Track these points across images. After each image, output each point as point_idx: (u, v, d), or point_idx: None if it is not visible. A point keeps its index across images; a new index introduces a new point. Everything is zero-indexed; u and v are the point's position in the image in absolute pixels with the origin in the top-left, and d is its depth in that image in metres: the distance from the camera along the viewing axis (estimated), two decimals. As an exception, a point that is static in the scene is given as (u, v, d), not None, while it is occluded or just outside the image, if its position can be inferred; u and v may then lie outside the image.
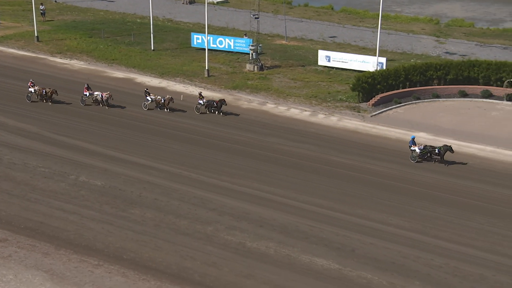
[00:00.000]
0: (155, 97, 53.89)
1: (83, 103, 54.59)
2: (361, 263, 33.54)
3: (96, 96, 54.21)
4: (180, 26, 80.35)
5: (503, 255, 34.20)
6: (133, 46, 71.11)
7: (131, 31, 75.78)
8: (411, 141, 45.74)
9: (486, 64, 57.84)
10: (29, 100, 55.02)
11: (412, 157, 45.35)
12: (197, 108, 53.59)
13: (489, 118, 52.99)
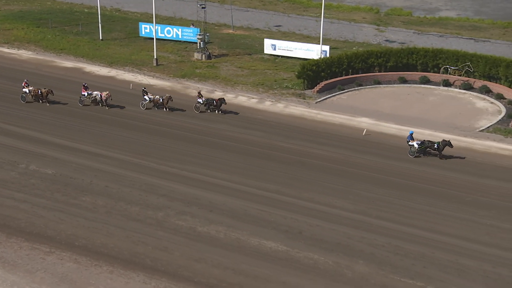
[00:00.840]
0: (153, 97, 51.03)
1: (81, 103, 51.36)
2: (308, 244, 33.79)
3: (94, 96, 51.13)
4: (128, 16, 79.32)
5: (440, 233, 34.87)
6: (81, 36, 69.91)
7: (79, 21, 74.48)
8: (409, 136, 44.27)
9: (423, 52, 58.69)
10: (23, 101, 51.37)
11: (411, 152, 43.90)
12: (196, 107, 51.07)
13: (427, 103, 53.83)
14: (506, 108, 51.57)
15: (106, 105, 51.13)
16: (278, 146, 45.53)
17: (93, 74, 58.99)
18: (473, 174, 41.82)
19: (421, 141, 43.86)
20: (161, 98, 51.03)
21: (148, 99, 51.20)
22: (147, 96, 51.34)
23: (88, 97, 51.40)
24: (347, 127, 48.91)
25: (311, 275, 31.40)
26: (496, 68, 54.96)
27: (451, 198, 38.68)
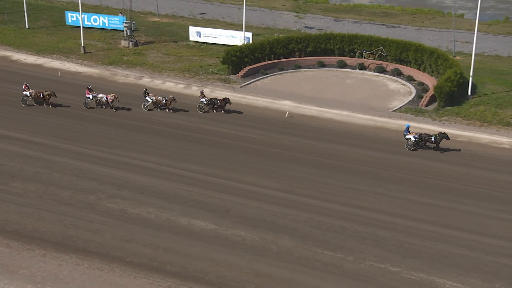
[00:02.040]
0: (155, 98, 47.76)
1: (86, 106, 47.76)
2: (236, 222, 33.92)
3: (100, 98, 47.58)
4: (54, 4, 77.15)
5: (359, 207, 35.59)
6: (6, 24, 67.61)
7: (4, 10, 71.94)
8: (405, 130, 42.99)
9: (340, 37, 59.45)
10: (25, 104, 47.67)
11: (408, 146, 42.60)
12: (200, 107, 48.12)
13: (345, 85, 54.65)
14: (416, 89, 52.87)
15: (112, 108, 47.44)
16: (205, 129, 45.38)
17: (20, 62, 57.24)
18: (388, 151, 42.77)
19: (418, 135, 42.58)
20: (164, 99, 47.79)
21: (150, 100, 47.78)
22: (148, 97, 47.91)
23: (93, 99, 47.69)
24: (270, 109, 49.18)
25: (239, 251, 31.56)
26: (406, 52, 56.22)
27: (368, 174, 39.49)
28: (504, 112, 47.79)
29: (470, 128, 46.12)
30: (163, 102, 47.74)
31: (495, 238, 32.54)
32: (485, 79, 53.01)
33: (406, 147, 42.69)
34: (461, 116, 47.78)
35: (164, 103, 47.73)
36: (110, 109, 47.56)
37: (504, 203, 35.88)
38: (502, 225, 33.70)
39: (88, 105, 47.97)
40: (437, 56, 53.71)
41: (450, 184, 38.22)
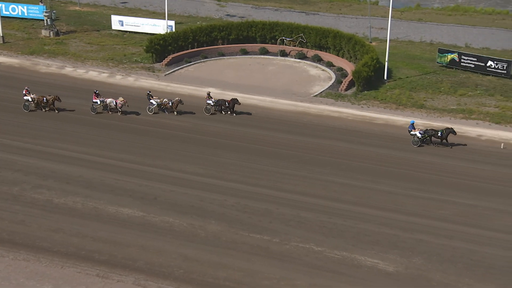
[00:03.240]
0: (161, 100, 45.16)
1: (94, 111, 44.94)
2: (164, 209, 33.71)
3: (108, 103, 44.76)
4: (-29, -7, 74.04)
5: (284, 190, 35.98)
6: None
7: None
8: (410, 126, 41.82)
9: (261, 25, 59.61)
10: (26, 109, 44.72)
11: (414, 142, 41.34)
12: (207, 109, 45.82)
13: (267, 72, 54.93)
14: (336, 74, 53.69)
15: (121, 112, 44.86)
16: (130, 118, 44.74)
17: None
18: (309, 135, 43.30)
19: (423, 130, 41.45)
20: (170, 101, 45.23)
21: (155, 103, 45.21)
22: (153, 100, 45.36)
23: (101, 104, 44.90)
24: (195, 97, 48.91)
25: (168, 237, 31.41)
26: (325, 38, 56.91)
27: (291, 158, 39.93)
28: (418, 95, 49.19)
29: (386, 111, 47.23)
30: (169, 105, 45.16)
31: (411, 215, 33.56)
32: (400, 64, 54.35)
33: (412, 143, 41.36)
34: (378, 99, 48.86)
35: (171, 106, 45.16)
36: (118, 113, 44.84)
37: (419, 182, 37.00)
38: (417, 203, 34.79)
39: (96, 110, 44.95)
40: (354, 42, 54.64)
41: (370, 165, 39.10)
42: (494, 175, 37.71)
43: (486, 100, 47.81)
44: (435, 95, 49.03)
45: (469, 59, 52.58)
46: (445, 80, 51.18)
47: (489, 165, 39.05)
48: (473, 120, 45.12)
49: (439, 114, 46.23)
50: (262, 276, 28.76)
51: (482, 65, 51.80)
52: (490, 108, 46.56)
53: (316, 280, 28.49)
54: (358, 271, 29.13)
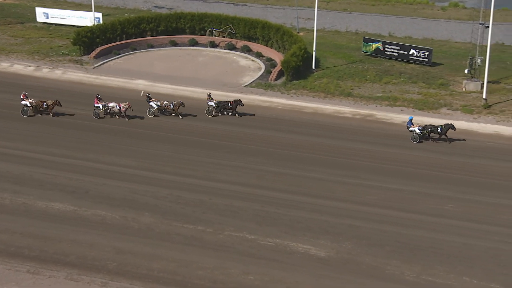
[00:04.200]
0: (161, 103, 43.30)
1: (96, 116, 42.93)
2: (95, 202, 33.10)
3: (112, 107, 42.72)
4: None
5: (217, 181, 35.90)
6: None
7: None
8: (409, 122, 40.98)
9: (190, 16, 59.19)
10: (25, 115, 42.64)
11: (414, 138, 40.47)
12: (209, 110, 43.99)
13: (197, 63, 54.61)
14: (265, 64, 53.88)
15: (125, 117, 43.01)
16: (58, 112, 43.64)
17: None
18: (242, 125, 43.27)
19: (422, 126, 40.62)
20: (171, 104, 43.33)
21: (156, 106, 43.32)
22: (153, 102, 43.45)
23: (103, 109, 42.81)
24: (125, 89, 48.16)
25: (100, 230, 30.87)
26: (254, 29, 57.01)
27: (224, 148, 39.86)
28: (345, 83, 49.92)
29: (315, 99, 47.74)
30: (171, 107, 43.35)
31: (341, 201, 34.07)
32: (327, 53, 54.99)
33: (411, 139, 40.59)
34: (307, 88, 49.32)
35: (172, 108, 43.38)
36: (123, 118, 42.99)
37: (348, 169, 37.59)
38: (346, 189, 35.34)
39: (99, 115, 42.97)
40: (282, 33, 54.96)
41: (301, 153, 39.43)
42: (418, 159, 38.68)
43: (410, 87, 48.97)
44: (361, 83, 49.87)
45: (392, 47, 53.71)
46: (370, 68, 52.13)
47: (413, 150, 40.00)
48: (397, 107, 46.15)
49: (366, 101, 47.08)
50: (196, 266, 28.65)
51: (405, 53, 53.02)
52: (414, 95, 47.72)
53: (250, 267, 28.60)
54: (291, 257, 29.40)
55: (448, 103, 46.04)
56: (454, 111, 45.05)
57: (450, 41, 56.98)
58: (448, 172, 37.04)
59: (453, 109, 45.31)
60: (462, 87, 48.19)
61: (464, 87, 48.09)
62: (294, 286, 27.45)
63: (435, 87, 48.60)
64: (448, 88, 48.25)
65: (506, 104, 45.31)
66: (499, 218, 32.13)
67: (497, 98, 45.99)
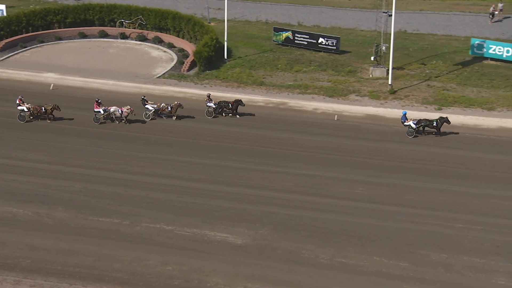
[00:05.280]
0: (158, 105, 41.62)
1: (97, 122, 41.01)
2: (5, 199, 32.01)
3: (113, 112, 40.84)
4: None
5: (132, 173, 35.45)
6: None
7: None
8: (403, 117, 40.33)
9: (99, 7, 57.88)
10: (23, 120, 40.55)
11: (409, 133, 39.91)
12: (209, 112, 42.61)
13: (108, 55, 53.55)
14: (177, 55, 53.45)
15: (125, 121, 41.21)
16: None
17: None
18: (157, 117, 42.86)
19: (417, 120, 40.04)
20: (169, 106, 41.71)
21: (152, 108, 41.65)
22: (149, 105, 41.79)
23: (104, 114, 40.91)
24: (34, 83, 46.64)
25: (11, 228, 29.89)
26: (165, 20, 56.43)
27: (138, 140, 39.37)
28: (257, 72, 50.24)
29: (229, 89, 47.81)
30: (168, 110, 41.75)
31: (257, 189, 34.36)
32: (238, 43, 55.13)
33: (407, 134, 40.08)
34: (220, 78, 49.32)
35: (169, 111, 41.80)
36: (124, 123, 41.24)
37: (264, 157, 37.91)
38: (262, 176, 35.67)
39: (99, 120, 41.10)
40: (193, 23, 54.66)
41: (217, 143, 39.45)
42: (329, 145, 39.48)
43: (320, 75, 49.84)
44: (273, 72, 50.33)
45: (302, 36, 54.42)
46: (281, 57, 52.66)
47: (325, 136, 40.79)
48: (309, 95, 46.89)
49: (278, 90, 47.58)
50: (113, 259, 28.23)
51: (314, 42, 53.85)
52: (324, 82, 48.61)
53: (168, 258, 28.46)
54: (208, 246, 29.45)
55: (356, 90, 47.19)
56: (362, 97, 46.24)
57: (357, 30, 58.31)
58: (358, 157, 38.03)
59: (361, 95, 46.49)
60: (369, 74, 49.51)
61: (371, 73, 49.42)
62: (212, 274, 27.54)
63: (344, 74, 49.68)
64: (356, 75, 49.44)
65: (410, 89, 46.91)
66: (406, 199, 33.31)
67: (401, 84, 47.53)
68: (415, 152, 38.41)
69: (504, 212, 31.84)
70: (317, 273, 27.66)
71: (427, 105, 44.54)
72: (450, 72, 48.95)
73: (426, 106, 44.44)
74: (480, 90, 46.01)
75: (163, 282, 27.13)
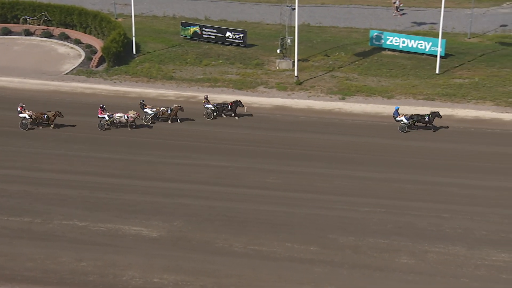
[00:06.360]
0: (157, 109, 39.93)
1: (102, 128, 39.16)
2: None
3: (118, 118, 38.95)
4: None
5: (42, 170, 34.48)
6: None
7: None
8: (395, 112, 39.63)
9: (0, 4, 55.60)
10: (25, 128, 38.73)
11: (401, 128, 39.26)
12: (208, 113, 41.15)
13: (13, 52, 51.57)
14: (85, 51, 52.12)
15: (129, 126, 39.50)
16: None
17: None
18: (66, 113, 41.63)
19: (409, 115, 39.42)
20: (169, 109, 40.09)
21: (152, 112, 39.87)
22: (148, 109, 40.00)
23: (110, 120, 39.10)
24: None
25: None
26: (70, 16, 54.89)
27: (47, 137, 38.22)
28: (167, 67, 49.74)
29: (139, 84, 47.11)
30: (168, 113, 40.22)
31: (171, 182, 34.09)
32: (147, 38, 54.33)
33: (399, 129, 39.48)
34: (129, 74, 48.51)
35: (169, 114, 40.26)
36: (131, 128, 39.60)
37: (176, 150, 37.60)
38: (174, 169, 35.41)
39: (104, 126, 39.35)
40: (100, 19, 53.47)
41: (127, 138, 38.88)
42: (242, 137, 39.60)
43: (228, 68, 49.90)
44: (182, 66, 49.96)
45: (209, 31, 54.26)
46: (190, 51, 52.33)
47: (236, 128, 40.85)
48: (218, 88, 46.86)
49: (188, 84, 47.30)
50: (25, 258, 27.30)
51: (222, 36, 53.80)
52: (232, 75, 48.71)
53: (82, 254, 27.79)
54: (123, 241, 28.97)
55: (264, 82, 47.58)
56: (270, 89, 46.67)
57: (262, 23, 58.71)
58: (269, 146, 38.37)
59: (269, 87, 46.92)
60: (276, 66, 50.00)
61: (278, 66, 49.93)
62: (128, 268, 27.13)
63: (252, 67, 49.95)
64: (264, 68, 49.82)
65: (315, 80, 47.76)
66: (315, 186, 33.94)
67: (307, 75, 48.30)
68: (322, 140, 39.13)
69: (405, 194, 33.02)
70: (232, 261, 27.77)
71: (332, 95, 45.49)
72: (352, 63, 50.19)
73: (331, 96, 45.38)
74: (380, 79, 47.43)
75: (78, 278, 26.50)
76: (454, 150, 37.46)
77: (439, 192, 32.94)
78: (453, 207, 31.52)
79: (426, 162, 36.19)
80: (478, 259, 27.69)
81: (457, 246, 28.53)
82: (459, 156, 36.78)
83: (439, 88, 45.43)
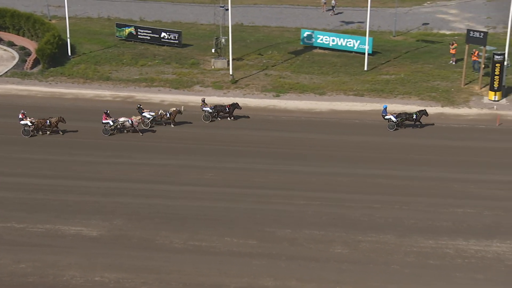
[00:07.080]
0: (156, 113, 39.06)
1: (106, 133, 38.25)
2: None
3: (122, 123, 37.97)
4: None
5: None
6: None
7: None
8: (383, 111, 39.25)
9: None
10: (27, 135, 37.76)
11: (390, 126, 39.02)
12: (206, 116, 40.39)
13: None
14: (19, 53, 50.78)
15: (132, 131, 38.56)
16: None
17: None
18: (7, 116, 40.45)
19: (397, 114, 39.28)
20: (167, 112, 39.23)
21: (150, 116, 38.90)
22: (146, 113, 39.09)
23: (114, 125, 38.09)
24: None
25: None
26: (2, 18, 53.40)
27: (-19, 140, 37.08)
28: (103, 68, 48.94)
29: (75, 85, 46.22)
30: (167, 117, 39.36)
31: (110, 181, 33.61)
32: (82, 40, 53.31)
33: (388, 128, 39.38)
34: (65, 75, 47.53)
35: (168, 118, 39.37)
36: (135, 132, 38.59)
37: (111, 149, 37.11)
38: (113, 169, 34.92)
39: (109, 132, 38.36)
40: (33, 21, 52.24)
41: (63, 138, 38.19)
42: (179, 135, 39.35)
43: (164, 68, 49.52)
44: (118, 67, 49.29)
45: (145, 31, 53.71)
46: (126, 52, 51.66)
47: (179, 127, 40.48)
48: (155, 87, 46.47)
49: (125, 84, 46.70)
50: (-37, 264, 26.37)
51: (157, 36, 53.33)
52: (169, 75, 48.38)
53: (21, 256, 27.10)
54: (63, 241, 28.41)
55: (200, 81, 47.46)
56: (206, 87, 46.59)
57: (197, 24, 58.52)
58: (205, 144, 38.32)
59: (205, 86, 46.83)
60: (211, 65, 49.94)
61: (213, 65, 49.89)
62: (68, 268, 26.63)
63: (188, 66, 49.74)
64: (199, 67, 49.68)
65: (249, 78, 47.97)
66: (253, 181, 34.11)
67: (242, 74, 48.45)
68: (258, 137, 39.37)
69: (339, 187, 33.61)
70: (172, 257, 27.64)
71: (266, 92, 45.81)
72: (284, 61, 50.66)
73: (265, 93, 45.69)
74: (312, 77, 48.06)
75: (17, 280, 25.84)
76: (382, 143, 38.38)
77: (371, 184, 33.68)
78: (383, 198, 32.30)
79: (356, 155, 36.94)
80: (407, 246, 28.47)
81: (388, 235, 29.26)
82: (387, 149, 37.71)
83: (367, 84, 46.43)
